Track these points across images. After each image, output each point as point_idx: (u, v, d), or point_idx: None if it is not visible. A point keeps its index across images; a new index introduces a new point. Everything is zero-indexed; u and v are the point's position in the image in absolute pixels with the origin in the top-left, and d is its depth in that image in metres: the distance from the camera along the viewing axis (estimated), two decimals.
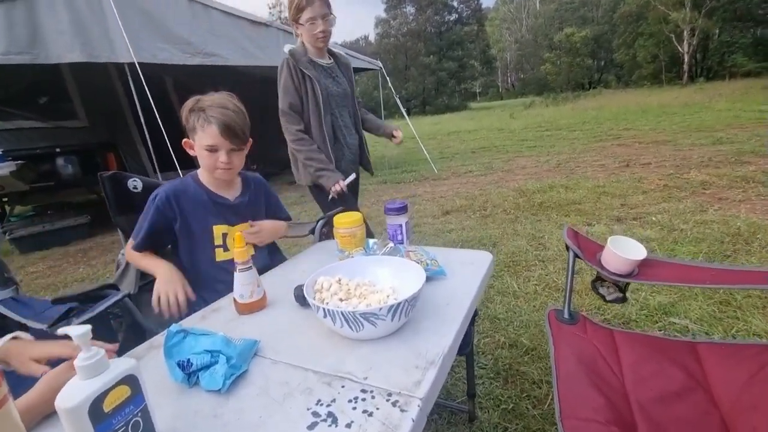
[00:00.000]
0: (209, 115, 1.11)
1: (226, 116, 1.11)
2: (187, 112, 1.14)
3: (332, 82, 1.83)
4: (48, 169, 4.79)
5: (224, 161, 1.15)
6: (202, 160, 1.18)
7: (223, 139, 1.12)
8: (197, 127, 1.13)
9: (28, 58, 3.53)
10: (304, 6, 1.67)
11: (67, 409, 0.46)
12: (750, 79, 19.39)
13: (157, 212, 1.18)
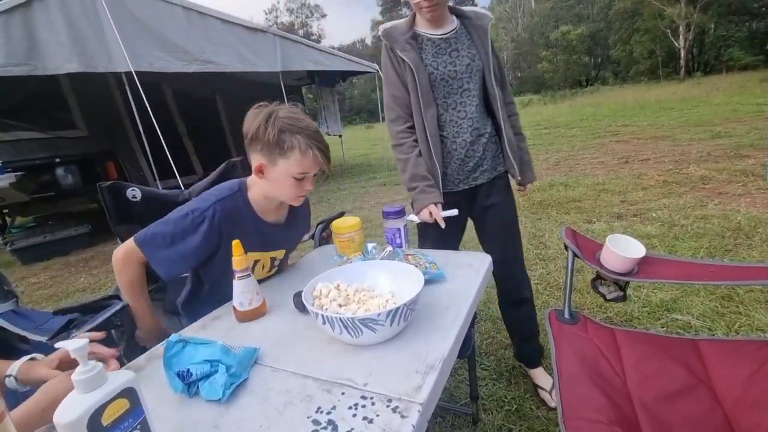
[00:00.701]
0: (310, 141, 0.97)
1: (322, 142, 1.01)
2: (277, 133, 0.96)
3: (447, 60, 1.33)
4: (48, 179, 4.79)
5: (310, 189, 1.05)
6: (284, 186, 1.03)
7: (318, 166, 1.01)
8: (293, 152, 0.97)
9: (27, 69, 3.55)
10: None
11: (66, 424, 0.46)
12: (747, 73, 19.38)
13: (205, 237, 1.00)
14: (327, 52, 6.18)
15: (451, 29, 1.34)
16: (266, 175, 1.02)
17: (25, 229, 4.72)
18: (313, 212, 1.28)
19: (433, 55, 1.32)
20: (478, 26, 1.35)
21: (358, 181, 6.83)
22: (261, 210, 1.10)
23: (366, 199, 5.39)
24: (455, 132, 1.35)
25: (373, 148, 11.79)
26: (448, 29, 1.34)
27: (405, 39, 1.32)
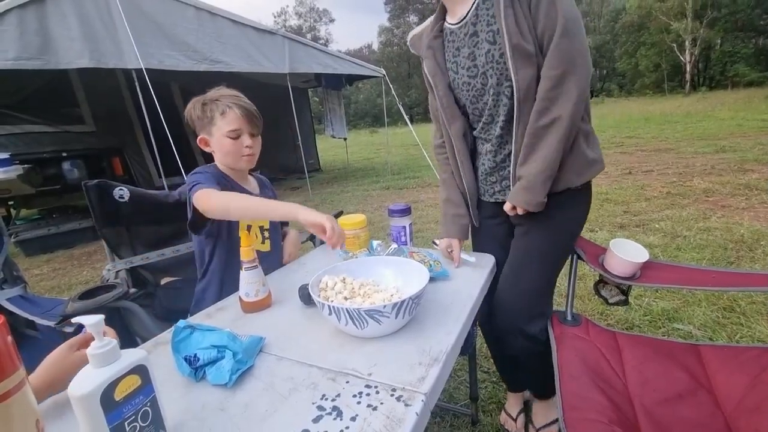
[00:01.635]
0: (227, 102, 1.12)
1: (242, 101, 1.14)
2: (201, 107, 1.13)
3: (467, 53, 1.03)
4: (54, 173, 4.83)
5: (250, 144, 1.14)
6: (225, 149, 1.14)
7: (245, 122, 1.13)
8: (216, 116, 1.12)
9: (39, 63, 3.59)
10: None
11: (80, 397, 0.47)
12: (752, 89, 19.41)
13: (211, 177, 1.12)
14: (334, 55, 6.24)
15: (470, 6, 1.00)
16: (212, 147, 1.16)
17: (29, 222, 4.75)
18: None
19: (453, 53, 1.06)
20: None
21: (361, 184, 6.86)
22: (234, 177, 1.21)
23: (369, 201, 5.41)
24: (479, 148, 1.14)
25: (377, 152, 11.84)
26: (467, 7, 1.00)
27: (429, 39, 1.10)
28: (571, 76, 0.90)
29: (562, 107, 0.91)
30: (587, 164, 1.01)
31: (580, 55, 0.91)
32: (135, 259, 1.36)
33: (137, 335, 1.17)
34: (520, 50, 0.92)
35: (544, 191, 0.97)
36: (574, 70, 0.90)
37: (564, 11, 0.89)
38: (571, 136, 0.95)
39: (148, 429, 0.53)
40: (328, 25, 53.39)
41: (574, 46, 0.90)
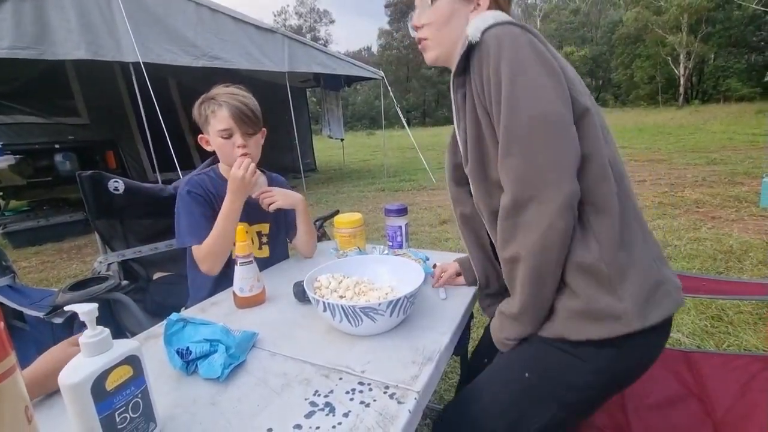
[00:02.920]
0: (220, 101, 1.10)
1: (236, 100, 1.10)
2: (198, 106, 1.13)
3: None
4: (46, 164, 4.76)
5: (241, 143, 1.10)
6: (220, 150, 1.14)
7: (236, 121, 1.09)
8: (209, 115, 1.11)
9: (34, 53, 3.55)
10: None
11: (70, 385, 0.46)
12: (744, 104, 19.75)
13: (198, 203, 1.12)
14: (334, 56, 6.25)
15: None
16: (212, 145, 1.15)
17: (18, 213, 4.68)
18: (310, 212, 1.27)
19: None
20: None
21: (357, 185, 6.86)
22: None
23: (364, 203, 5.41)
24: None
25: (374, 154, 11.85)
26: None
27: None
28: (531, 204, 0.65)
29: (520, 243, 0.67)
30: (592, 315, 0.66)
31: (544, 173, 0.63)
32: (127, 252, 1.34)
33: (128, 329, 1.15)
34: (460, 172, 0.83)
35: (513, 331, 0.74)
36: (534, 196, 0.64)
37: (511, 107, 0.64)
38: (546, 275, 0.67)
39: (138, 420, 0.52)
40: (328, 26, 53.42)
41: (530, 163, 0.64)
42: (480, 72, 0.70)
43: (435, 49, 0.84)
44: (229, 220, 1.06)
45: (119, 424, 0.50)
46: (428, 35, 0.83)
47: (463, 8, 0.80)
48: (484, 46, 0.69)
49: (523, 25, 0.70)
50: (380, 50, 45.17)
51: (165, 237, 1.42)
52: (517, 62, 0.66)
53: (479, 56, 0.70)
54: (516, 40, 0.67)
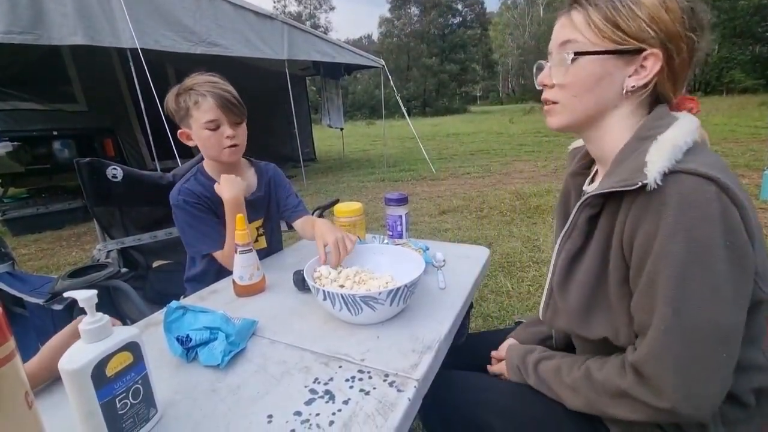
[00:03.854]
0: (201, 91, 1.03)
1: (219, 89, 1.05)
2: (174, 98, 1.06)
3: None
4: (44, 152, 4.73)
5: (230, 133, 1.06)
6: (206, 143, 1.07)
7: (222, 111, 1.04)
8: (191, 107, 1.04)
9: (30, 38, 3.49)
10: None
11: (71, 371, 0.46)
12: (747, 96, 19.62)
13: (198, 210, 1.09)
14: (334, 44, 6.17)
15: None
16: (195, 140, 1.09)
17: (17, 200, 4.66)
18: (309, 202, 1.28)
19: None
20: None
21: (357, 175, 6.83)
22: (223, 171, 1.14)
23: (363, 192, 5.40)
24: None
25: (374, 144, 11.79)
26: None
27: (572, 168, 0.86)
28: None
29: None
30: None
31: (689, 386, 0.54)
32: (127, 239, 1.34)
33: (127, 317, 1.16)
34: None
35: (566, 395, 0.67)
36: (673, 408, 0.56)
37: (676, 309, 0.53)
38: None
39: (138, 406, 0.52)
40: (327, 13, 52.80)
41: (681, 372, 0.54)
42: (636, 224, 0.55)
43: (566, 116, 0.66)
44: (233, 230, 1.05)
45: (120, 409, 0.50)
46: (560, 99, 0.65)
47: (619, 70, 0.60)
48: (659, 198, 0.52)
49: (718, 179, 0.50)
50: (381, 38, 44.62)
51: (164, 225, 1.42)
52: (699, 246, 0.50)
53: (645, 204, 0.53)
54: (707, 209, 0.50)
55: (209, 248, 1.09)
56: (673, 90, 0.62)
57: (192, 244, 1.11)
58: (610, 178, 0.58)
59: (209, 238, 1.09)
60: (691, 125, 0.58)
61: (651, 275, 0.53)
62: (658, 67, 0.58)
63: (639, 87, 0.60)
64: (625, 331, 0.60)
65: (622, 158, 0.60)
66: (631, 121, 0.63)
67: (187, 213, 1.09)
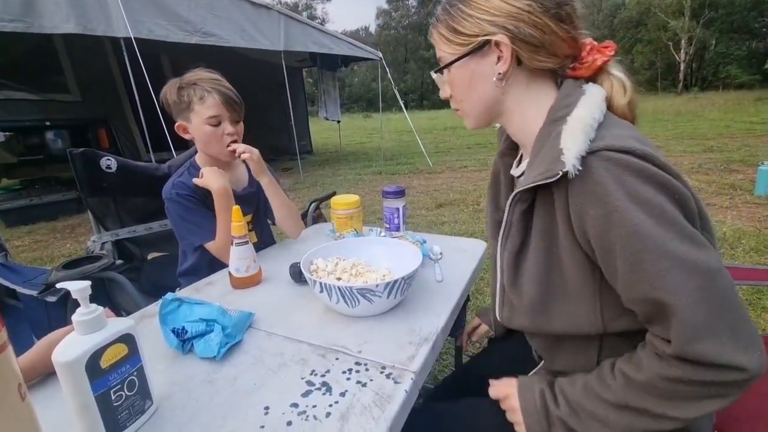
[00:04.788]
0: (206, 87, 1.06)
1: (222, 86, 1.08)
2: (176, 91, 1.07)
3: None
4: (37, 142, 4.68)
5: (231, 130, 1.09)
6: (205, 137, 1.09)
7: (225, 108, 1.07)
8: (194, 101, 1.06)
9: (21, 26, 3.43)
10: None
11: (65, 363, 0.46)
12: (743, 91, 19.68)
13: (191, 203, 1.10)
14: (331, 35, 6.11)
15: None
16: (191, 134, 1.11)
17: (10, 191, 4.62)
18: (306, 195, 1.27)
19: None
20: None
21: (354, 167, 6.81)
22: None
23: (360, 185, 5.38)
24: None
25: (371, 137, 11.74)
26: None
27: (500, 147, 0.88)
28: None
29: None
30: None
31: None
32: (121, 231, 1.33)
33: (122, 308, 1.15)
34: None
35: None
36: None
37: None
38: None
39: (134, 398, 0.52)
40: (324, 4, 52.05)
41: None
42: (582, 211, 0.52)
43: (471, 118, 0.71)
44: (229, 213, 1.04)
45: (115, 401, 0.50)
46: (458, 105, 0.71)
47: (483, 65, 0.63)
48: (592, 180, 0.50)
49: (635, 150, 0.50)
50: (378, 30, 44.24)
51: (159, 217, 1.40)
52: (655, 207, 0.49)
53: (581, 189, 0.51)
54: (640, 173, 0.50)
55: (202, 239, 1.09)
56: (551, 57, 0.61)
57: (184, 237, 1.11)
58: (532, 170, 0.58)
59: (203, 229, 1.09)
60: (597, 97, 0.58)
61: (630, 258, 0.50)
62: (509, 48, 0.59)
63: (506, 70, 0.62)
64: (591, 318, 0.58)
65: (540, 146, 0.59)
66: (528, 102, 0.64)
67: (180, 206, 1.09)
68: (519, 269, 0.63)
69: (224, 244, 1.02)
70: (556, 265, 0.59)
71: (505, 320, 0.69)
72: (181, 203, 1.09)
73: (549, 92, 0.64)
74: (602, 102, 0.58)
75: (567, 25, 0.60)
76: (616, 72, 0.63)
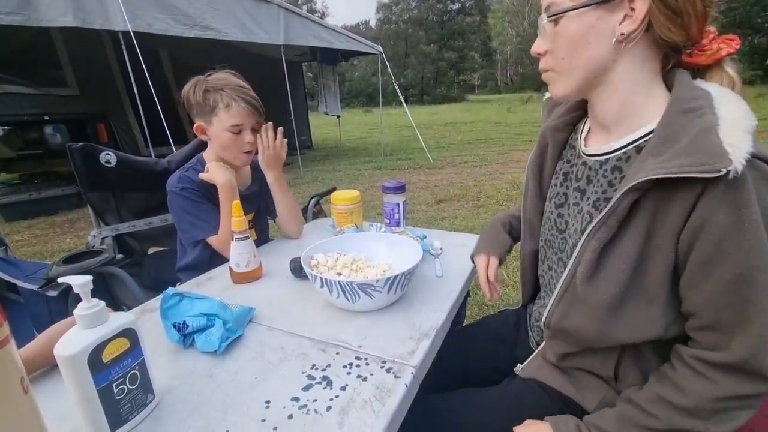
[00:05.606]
0: (233, 95, 1.07)
1: (248, 95, 1.09)
2: (202, 93, 1.07)
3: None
4: (36, 136, 4.66)
5: (252, 140, 1.11)
6: (225, 144, 1.11)
7: (249, 117, 1.09)
8: (219, 107, 1.07)
9: (18, 19, 3.40)
10: None
11: (67, 357, 0.46)
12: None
13: (196, 197, 1.10)
14: (331, 29, 6.07)
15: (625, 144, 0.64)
16: (209, 136, 1.12)
17: (9, 186, 4.60)
18: (306, 190, 1.27)
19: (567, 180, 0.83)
20: None
21: (354, 163, 6.80)
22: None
23: (360, 181, 5.38)
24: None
25: (371, 132, 11.71)
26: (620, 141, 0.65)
27: (555, 122, 0.82)
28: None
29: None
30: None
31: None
32: (122, 226, 1.33)
33: (123, 303, 1.15)
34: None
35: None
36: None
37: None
38: None
39: (136, 392, 0.52)
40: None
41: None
42: (710, 214, 0.49)
43: (564, 82, 0.61)
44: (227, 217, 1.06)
45: (117, 395, 0.50)
46: (552, 65, 0.61)
47: (604, 21, 0.54)
48: (740, 186, 0.47)
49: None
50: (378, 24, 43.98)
51: (159, 211, 1.40)
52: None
53: (723, 192, 0.48)
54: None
55: (205, 233, 1.09)
56: (681, 32, 0.54)
57: (187, 230, 1.11)
58: (665, 158, 0.50)
59: (206, 223, 1.09)
60: (740, 100, 0.53)
61: (739, 270, 0.48)
62: (647, 5, 0.51)
63: (630, 33, 0.53)
64: (657, 324, 0.56)
65: (671, 133, 0.52)
66: (638, 79, 0.57)
67: (185, 199, 1.10)
68: (603, 262, 0.57)
69: (227, 238, 1.02)
70: (644, 265, 0.55)
71: (556, 318, 0.64)
72: (185, 197, 1.09)
73: (657, 76, 0.58)
74: (749, 110, 0.52)
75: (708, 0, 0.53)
76: (730, 70, 0.57)
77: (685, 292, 0.54)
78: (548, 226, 0.76)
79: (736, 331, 0.51)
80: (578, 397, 0.68)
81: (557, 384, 0.70)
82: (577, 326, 0.61)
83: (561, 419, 0.62)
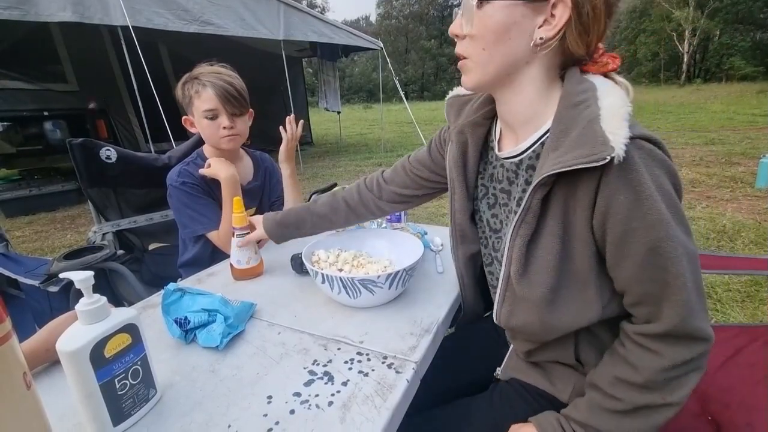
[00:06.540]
0: (204, 80, 1.07)
1: (221, 80, 1.07)
2: (182, 86, 1.10)
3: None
4: (35, 132, 4.65)
5: (227, 124, 1.09)
6: (205, 131, 1.12)
7: (221, 102, 1.07)
8: (193, 95, 1.08)
9: (17, 14, 3.38)
10: None
11: (69, 352, 0.46)
12: (746, 83, 19.54)
13: (196, 192, 1.10)
14: (331, 24, 6.03)
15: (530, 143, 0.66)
16: (197, 127, 1.13)
17: (9, 182, 4.60)
18: (306, 186, 1.28)
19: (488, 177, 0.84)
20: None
21: (354, 159, 6.79)
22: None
23: (361, 177, 5.32)
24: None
25: (371, 128, 11.68)
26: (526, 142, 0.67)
27: (465, 121, 0.81)
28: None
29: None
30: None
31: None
32: (122, 222, 1.33)
33: (124, 299, 1.16)
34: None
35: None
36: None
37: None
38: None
39: (138, 387, 0.53)
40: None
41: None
42: (611, 196, 0.51)
43: (478, 73, 0.61)
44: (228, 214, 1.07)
45: (119, 390, 0.50)
46: (470, 53, 0.60)
47: (528, 20, 0.55)
48: (629, 166, 0.50)
49: (660, 142, 0.53)
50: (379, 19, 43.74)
51: (160, 207, 1.40)
52: (670, 197, 0.52)
53: (618, 175, 0.51)
54: (665, 166, 0.53)
55: (205, 228, 1.09)
56: (584, 47, 0.57)
57: (187, 225, 1.11)
58: (561, 152, 0.53)
59: (205, 217, 1.09)
60: (617, 90, 0.56)
61: (649, 243, 0.51)
62: (567, 16, 0.53)
63: (548, 39, 0.55)
64: (594, 306, 0.59)
65: (563, 129, 0.55)
66: (541, 83, 0.60)
67: (184, 193, 1.10)
68: (531, 258, 0.59)
69: (227, 233, 1.02)
70: (568, 253, 0.58)
71: (504, 317, 0.65)
72: (185, 191, 1.10)
73: (557, 78, 0.61)
74: (627, 96, 0.55)
75: (609, 20, 0.56)
76: (621, 79, 0.60)
77: (611, 272, 0.57)
78: (483, 228, 0.76)
79: (663, 301, 0.54)
80: (552, 389, 0.69)
81: (532, 380, 0.71)
82: (524, 322, 0.63)
83: (543, 417, 0.63)
